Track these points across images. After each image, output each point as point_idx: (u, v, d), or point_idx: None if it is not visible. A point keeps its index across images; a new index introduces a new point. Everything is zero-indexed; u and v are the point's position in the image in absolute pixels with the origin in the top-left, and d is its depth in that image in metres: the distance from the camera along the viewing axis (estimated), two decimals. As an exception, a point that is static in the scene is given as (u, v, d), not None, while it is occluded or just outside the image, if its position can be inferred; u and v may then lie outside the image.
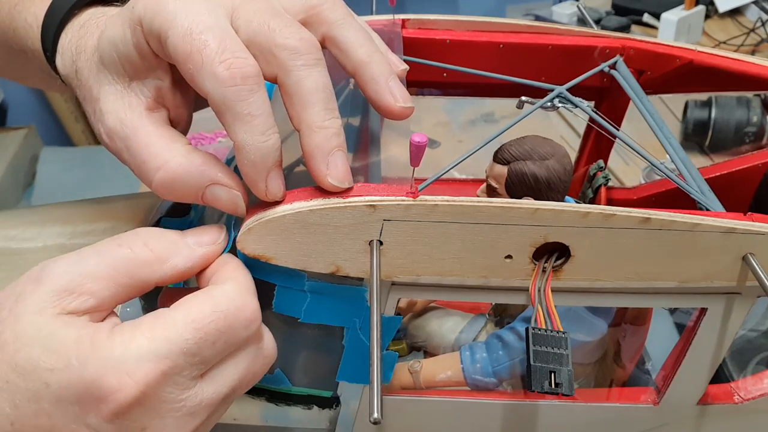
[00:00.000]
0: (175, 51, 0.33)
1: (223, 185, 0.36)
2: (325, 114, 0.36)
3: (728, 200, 0.41)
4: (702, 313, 0.42)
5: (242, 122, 0.33)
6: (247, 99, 0.33)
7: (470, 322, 0.55)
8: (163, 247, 0.35)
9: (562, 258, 0.38)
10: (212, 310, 0.32)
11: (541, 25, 0.54)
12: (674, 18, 1.26)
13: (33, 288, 0.32)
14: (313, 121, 0.35)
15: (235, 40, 0.34)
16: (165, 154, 0.35)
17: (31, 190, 1.10)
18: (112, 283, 0.33)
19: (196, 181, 0.36)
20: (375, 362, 0.31)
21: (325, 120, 0.36)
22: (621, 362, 0.53)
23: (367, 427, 0.45)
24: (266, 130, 0.34)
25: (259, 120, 0.34)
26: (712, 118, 0.99)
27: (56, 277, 0.32)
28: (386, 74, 0.38)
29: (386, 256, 0.37)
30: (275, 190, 0.35)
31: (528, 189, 0.45)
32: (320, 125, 0.35)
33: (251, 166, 0.34)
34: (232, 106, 0.33)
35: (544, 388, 0.35)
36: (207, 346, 0.32)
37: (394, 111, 0.38)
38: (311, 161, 0.36)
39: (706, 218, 0.36)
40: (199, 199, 0.36)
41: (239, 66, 0.33)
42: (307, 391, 0.45)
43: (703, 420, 0.47)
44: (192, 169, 0.36)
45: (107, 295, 0.33)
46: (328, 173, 0.35)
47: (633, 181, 0.94)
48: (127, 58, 0.36)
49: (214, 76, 0.33)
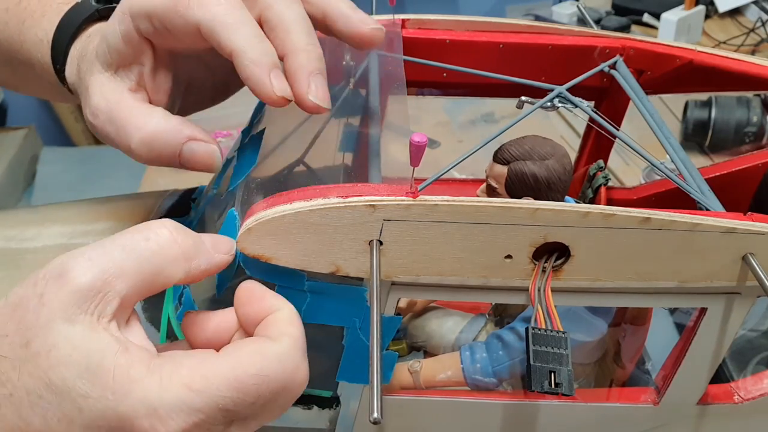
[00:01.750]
0: (163, 10, 0.37)
1: (199, 140, 0.39)
2: (308, 38, 0.38)
3: (728, 200, 0.41)
4: (702, 313, 0.42)
5: (235, 30, 0.36)
6: (234, 12, 0.36)
7: (470, 322, 0.55)
8: (189, 244, 0.34)
9: (562, 258, 0.38)
10: (258, 373, 0.31)
11: (541, 25, 0.54)
12: (674, 18, 1.26)
13: (56, 287, 0.30)
14: (296, 44, 0.37)
15: None
16: (144, 117, 0.39)
17: (31, 190, 1.10)
18: (138, 280, 0.31)
19: (174, 138, 0.38)
20: (375, 362, 0.31)
21: (308, 44, 0.38)
22: (621, 362, 0.53)
23: (367, 427, 0.45)
24: (258, 33, 0.37)
25: (249, 27, 0.36)
26: (712, 118, 0.99)
27: (80, 274, 0.30)
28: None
29: (386, 256, 0.37)
30: (280, 85, 0.37)
31: (528, 189, 0.45)
32: (303, 48, 0.37)
33: (253, 65, 0.36)
34: (222, 20, 0.36)
35: (544, 388, 0.35)
36: (245, 406, 0.31)
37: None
38: (294, 81, 0.37)
39: (706, 218, 0.36)
40: (176, 157, 0.39)
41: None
42: (307, 391, 0.45)
43: (703, 420, 0.47)
44: (170, 128, 0.38)
45: (133, 293, 0.31)
46: (309, 91, 0.37)
47: (633, 181, 0.95)
48: (115, 49, 0.39)
49: (200, 4, 0.36)
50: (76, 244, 0.50)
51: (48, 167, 1.15)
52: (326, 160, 0.51)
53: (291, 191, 0.37)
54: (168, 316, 0.47)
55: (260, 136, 0.46)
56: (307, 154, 0.50)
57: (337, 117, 0.51)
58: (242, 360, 0.31)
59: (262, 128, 0.47)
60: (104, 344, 0.30)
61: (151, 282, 0.32)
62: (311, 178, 0.48)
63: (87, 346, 0.30)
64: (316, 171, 0.49)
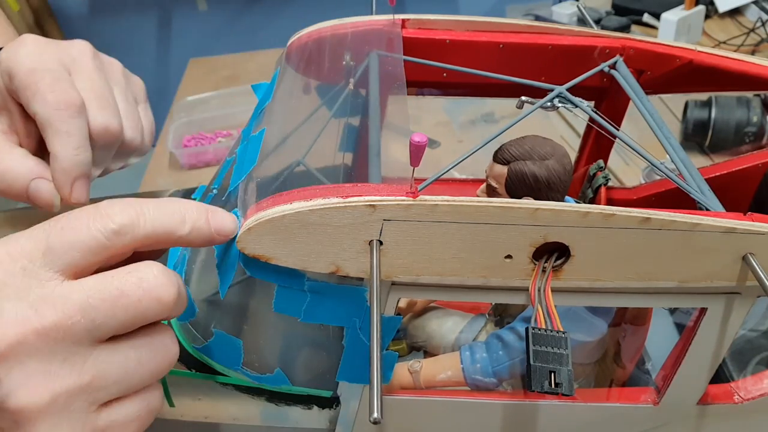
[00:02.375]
0: (19, 83, 0.43)
1: (46, 179, 0.44)
2: (75, 147, 0.44)
3: (728, 200, 0.41)
4: (702, 313, 0.42)
5: (60, 137, 0.42)
6: (68, 120, 0.42)
7: (470, 322, 0.55)
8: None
9: (562, 258, 0.38)
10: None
11: (541, 25, 0.54)
12: (674, 18, 1.26)
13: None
14: (60, 151, 0.44)
15: (67, 81, 0.44)
16: (4, 153, 0.44)
17: (31, 190, 1.10)
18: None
19: (23, 175, 0.43)
20: (375, 362, 0.31)
21: (76, 150, 0.44)
22: (621, 362, 0.53)
23: (367, 427, 0.45)
24: (79, 146, 0.43)
25: (74, 138, 0.42)
26: (712, 118, 0.99)
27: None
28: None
29: (386, 256, 0.37)
30: (79, 194, 0.43)
31: (528, 189, 0.45)
32: (70, 154, 0.44)
33: (62, 172, 0.42)
34: (54, 124, 0.42)
35: (544, 388, 0.35)
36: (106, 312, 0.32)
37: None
38: (60, 186, 0.44)
39: (706, 218, 0.36)
40: (24, 192, 0.43)
41: (66, 97, 0.42)
42: (307, 391, 0.45)
43: (703, 420, 0.47)
44: (22, 166, 0.44)
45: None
46: (71, 196, 0.44)
47: (633, 181, 0.94)
48: None
49: (44, 100, 0.42)
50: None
51: (48, 167, 1.14)
52: (326, 160, 0.51)
53: (291, 191, 0.37)
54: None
55: (260, 136, 0.46)
56: (307, 154, 0.50)
57: (337, 117, 0.51)
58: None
59: (262, 128, 0.47)
60: None
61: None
62: (311, 178, 0.48)
63: None
64: (316, 171, 0.49)
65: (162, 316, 0.33)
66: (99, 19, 2.14)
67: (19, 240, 0.32)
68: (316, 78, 0.52)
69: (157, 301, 0.33)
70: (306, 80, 0.52)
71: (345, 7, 1.05)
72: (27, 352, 0.31)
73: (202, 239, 0.36)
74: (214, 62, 1.47)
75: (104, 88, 0.46)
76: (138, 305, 0.32)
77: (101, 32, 2.15)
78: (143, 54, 2.22)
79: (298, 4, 2.14)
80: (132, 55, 2.19)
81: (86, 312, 0.31)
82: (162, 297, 0.33)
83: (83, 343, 0.32)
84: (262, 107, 0.50)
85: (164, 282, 0.33)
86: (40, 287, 0.31)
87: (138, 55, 2.21)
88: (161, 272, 0.33)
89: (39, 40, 0.46)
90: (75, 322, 0.31)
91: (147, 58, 2.23)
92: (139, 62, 2.21)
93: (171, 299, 0.33)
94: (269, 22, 2.17)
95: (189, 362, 0.45)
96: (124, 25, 2.16)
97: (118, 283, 0.32)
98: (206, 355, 0.45)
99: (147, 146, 0.51)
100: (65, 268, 0.32)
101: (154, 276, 0.33)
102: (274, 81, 0.52)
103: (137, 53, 2.21)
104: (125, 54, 2.22)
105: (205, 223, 0.36)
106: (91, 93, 0.45)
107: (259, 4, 2.16)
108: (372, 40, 0.52)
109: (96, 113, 0.45)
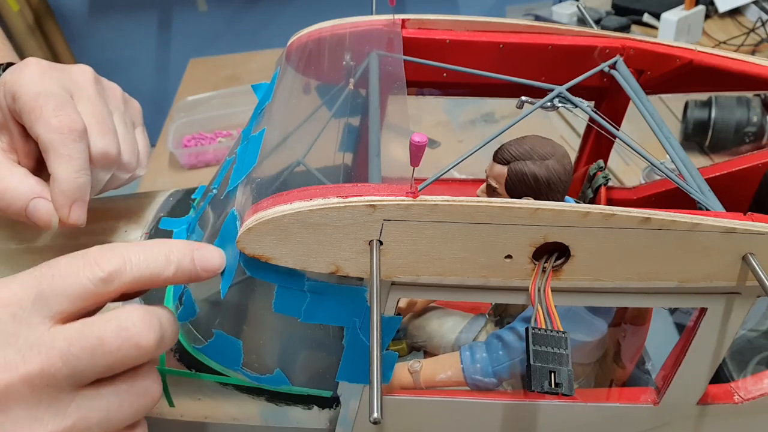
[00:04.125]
0: (23, 106, 0.43)
1: (45, 199, 0.44)
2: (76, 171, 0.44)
3: (728, 200, 0.41)
4: (702, 313, 0.41)
5: (62, 161, 0.43)
6: (70, 145, 0.43)
7: (470, 322, 0.55)
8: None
9: (562, 258, 0.38)
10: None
11: (541, 25, 0.54)
12: (674, 18, 1.26)
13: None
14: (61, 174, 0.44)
15: (71, 106, 0.44)
16: (4, 172, 0.45)
17: (31, 190, 1.10)
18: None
19: (23, 194, 0.44)
20: (375, 362, 0.31)
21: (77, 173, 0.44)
22: (621, 362, 0.53)
23: (367, 427, 0.45)
24: (80, 170, 0.43)
25: (76, 162, 0.43)
26: (712, 118, 0.99)
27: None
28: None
29: (386, 256, 0.37)
30: (77, 216, 0.44)
31: (528, 189, 0.45)
32: (69, 177, 0.44)
33: (61, 194, 0.43)
34: (57, 148, 0.43)
35: (544, 388, 0.35)
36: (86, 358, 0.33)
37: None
38: (59, 207, 0.44)
39: (706, 218, 0.36)
40: (23, 211, 0.44)
41: (69, 122, 0.43)
42: (307, 391, 0.45)
43: (703, 420, 0.47)
44: (22, 185, 0.44)
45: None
46: (69, 216, 0.44)
47: (633, 181, 0.94)
48: None
49: (48, 124, 0.43)
50: (76, 244, 0.51)
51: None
52: (326, 160, 0.51)
53: (291, 191, 0.37)
54: (168, 316, 0.47)
55: (260, 136, 0.46)
56: (307, 154, 0.50)
57: (337, 117, 0.51)
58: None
59: (262, 128, 0.47)
60: None
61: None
62: (311, 178, 0.48)
63: None
64: (316, 171, 0.49)
65: (142, 360, 0.34)
66: (99, 19, 2.14)
67: (11, 286, 0.33)
68: (316, 78, 0.52)
69: (136, 348, 0.34)
70: (306, 80, 0.52)
71: (345, 7, 1.05)
72: (15, 398, 0.32)
73: (188, 278, 0.37)
74: (214, 62, 1.47)
75: (105, 114, 0.47)
76: (117, 353, 0.33)
77: (101, 32, 2.16)
78: (143, 54, 2.22)
79: (298, 4, 2.14)
80: (132, 55, 2.19)
81: (67, 360, 0.32)
82: (141, 343, 0.34)
83: (65, 389, 0.33)
84: (262, 107, 0.50)
85: (143, 329, 0.34)
86: (29, 333, 0.32)
87: (138, 55, 2.21)
88: (141, 318, 0.34)
89: (42, 63, 0.47)
90: (57, 369, 0.32)
91: (147, 58, 2.23)
92: (139, 62, 2.21)
93: (150, 345, 0.34)
94: (269, 22, 2.17)
95: (189, 362, 0.45)
96: (124, 25, 2.16)
97: (98, 331, 0.33)
98: (206, 355, 0.45)
99: (142, 169, 0.52)
100: (54, 314, 0.33)
101: (133, 324, 0.34)
102: (274, 81, 0.52)
103: (137, 53, 2.21)
104: (125, 54, 2.23)
105: (190, 262, 0.37)
106: (93, 118, 0.46)
107: (259, 4, 2.16)
108: (372, 40, 0.52)
109: (96, 138, 0.46)
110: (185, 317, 0.45)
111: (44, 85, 0.45)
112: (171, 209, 0.55)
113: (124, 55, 2.19)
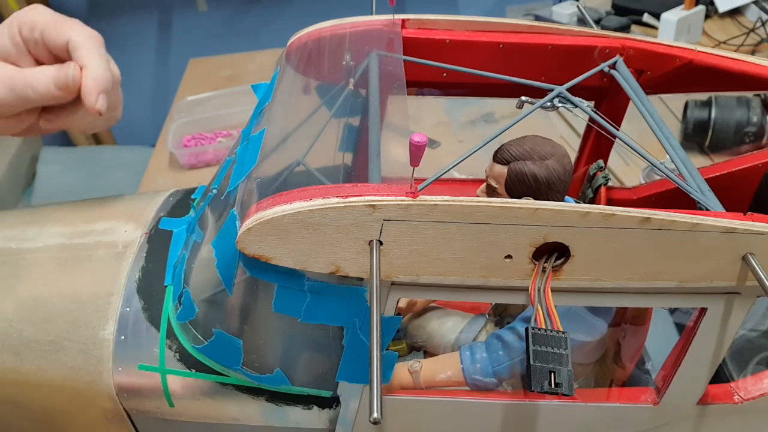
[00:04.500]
0: (46, 24, 0.48)
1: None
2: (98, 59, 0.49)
3: (728, 200, 0.41)
4: (702, 313, 0.41)
5: (94, 54, 0.48)
6: (99, 47, 0.49)
7: (470, 322, 0.55)
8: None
9: (561, 258, 0.38)
10: None
11: (541, 25, 0.54)
12: (674, 18, 1.26)
13: None
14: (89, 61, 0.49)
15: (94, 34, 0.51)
16: (24, 69, 0.49)
17: (31, 190, 1.10)
18: None
19: (48, 75, 0.47)
20: (375, 362, 0.31)
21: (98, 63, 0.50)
22: (621, 362, 0.53)
23: (366, 427, 0.45)
24: (105, 63, 0.48)
25: (104, 59, 0.48)
26: (712, 118, 0.99)
27: None
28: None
29: (386, 256, 0.37)
30: (101, 104, 0.47)
31: (528, 189, 0.45)
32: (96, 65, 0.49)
33: (92, 81, 0.47)
34: (89, 46, 0.48)
35: (544, 388, 0.35)
36: None
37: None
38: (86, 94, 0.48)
39: (706, 218, 0.36)
40: (48, 89, 0.47)
41: (96, 33, 0.50)
42: (307, 391, 0.45)
43: (703, 420, 0.47)
44: (45, 74, 0.48)
45: None
46: (96, 104, 0.47)
47: (633, 181, 0.94)
48: (3, 47, 0.50)
49: (80, 30, 0.49)
50: (76, 244, 0.51)
51: (48, 167, 1.15)
52: (326, 160, 0.51)
53: (291, 191, 0.37)
54: (168, 316, 0.47)
55: (260, 136, 0.46)
56: (307, 154, 0.50)
57: (337, 117, 0.51)
58: None
59: (262, 128, 0.47)
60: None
61: None
62: (311, 178, 0.48)
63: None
64: (316, 171, 0.49)
65: None
66: (99, 19, 2.14)
67: None
68: (316, 78, 0.52)
69: None
70: (306, 80, 0.52)
71: (345, 7, 1.05)
72: None
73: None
74: (214, 62, 1.47)
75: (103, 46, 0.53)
76: None
77: (101, 32, 2.14)
78: (143, 54, 2.22)
79: (298, 4, 2.14)
80: (132, 55, 2.19)
81: None
82: None
83: None
84: (262, 107, 0.50)
85: None
86: None
87: (138, 55, 2.21)
88: None
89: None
90: None
91: (147, 58, 2.23)
92: (139, 62, 2.21)
93: None
94: (269, 22, 2.17)
95: (189, 362, 0.45)
96: (124, 25, 2.16)
97: None
98: (206, 355, 0.45)
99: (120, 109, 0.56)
100: None
101: None
102: (274, 81, 0.52)
103: (137, 53, 2.21)
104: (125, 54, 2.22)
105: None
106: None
107: (259, 4, 2.16)
108: (372, 40, 0.52)
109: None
110: (185, 317, 0.45)
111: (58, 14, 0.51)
112: (171, 209, 0.55)
113: (124, 55, 2.19)
